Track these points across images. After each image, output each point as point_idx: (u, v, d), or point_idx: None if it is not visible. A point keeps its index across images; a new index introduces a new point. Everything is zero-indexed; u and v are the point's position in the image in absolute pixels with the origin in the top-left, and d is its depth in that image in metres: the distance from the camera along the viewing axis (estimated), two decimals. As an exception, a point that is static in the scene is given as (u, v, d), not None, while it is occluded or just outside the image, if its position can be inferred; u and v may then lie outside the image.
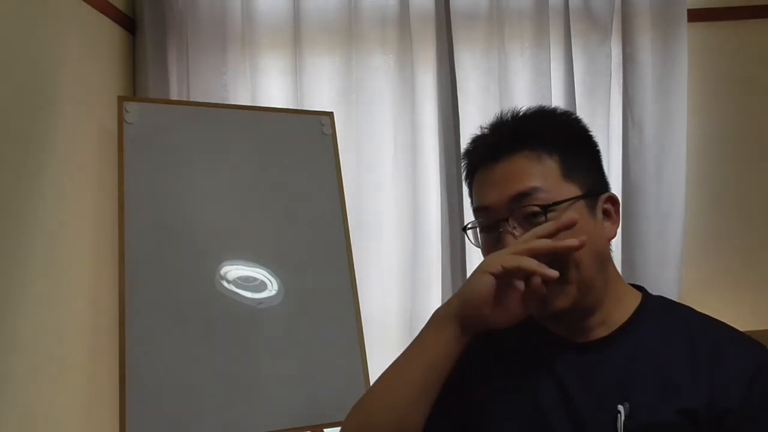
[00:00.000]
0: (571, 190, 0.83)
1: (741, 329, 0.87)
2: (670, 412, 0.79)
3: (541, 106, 0.90)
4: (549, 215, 0.81)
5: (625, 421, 0.79)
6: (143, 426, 1.26)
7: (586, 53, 1.91)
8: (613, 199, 0.88)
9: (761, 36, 1.97)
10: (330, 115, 1.65)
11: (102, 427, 1.59)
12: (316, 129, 1.63)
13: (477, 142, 0.91)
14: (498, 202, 0.83)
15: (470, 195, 0.92)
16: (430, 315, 0.86)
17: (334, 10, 1.89)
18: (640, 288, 0.93)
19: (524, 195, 0.82)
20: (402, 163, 1.89)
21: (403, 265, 1.88)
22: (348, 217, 1.58)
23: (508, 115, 0.88)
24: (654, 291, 0.94)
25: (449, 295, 1.83)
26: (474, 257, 1.88)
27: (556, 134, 0.86)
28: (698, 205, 1.96)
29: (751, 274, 1.96)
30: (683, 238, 1.86)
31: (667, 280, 1.84)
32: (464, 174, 0.94)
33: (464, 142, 2.03)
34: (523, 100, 1.89)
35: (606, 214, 0.86)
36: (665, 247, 1.84)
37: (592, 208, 0.84)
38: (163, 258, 1.38)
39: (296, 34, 1.88)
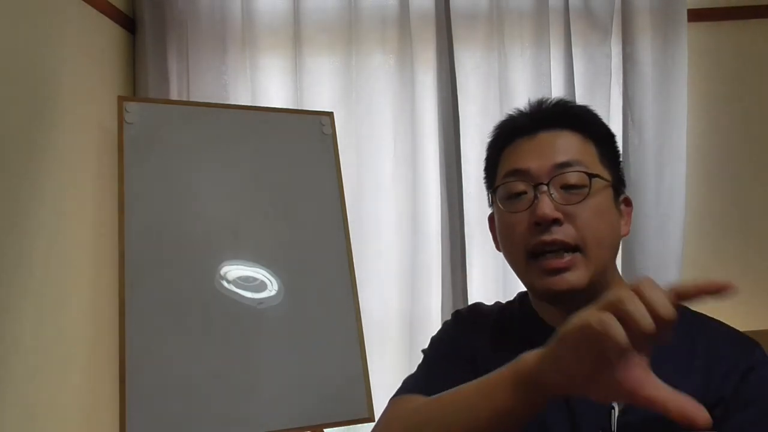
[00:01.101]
0: (605, 174, 0.88)
1: (740, 329, 0.87)
2: None
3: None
4: (593, 183, 0.84)
5: (619, 416, 0.80)
6: (143, 426, 1.26)
7: (586, 53, 1.91)
8: (628, 201, 0.93)
9: (761, 36, 1.97)
10: (330, 115, 1.65)
11: (102, 427, 1.58)
12: (316, 129, 1.62)
13: (516, 115, 0.94)
14: (539, 168, 0.86)
15: (493, 164, 0.94)
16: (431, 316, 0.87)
17: (334, 10, 1.89)
18: None
19: (568, 164, 0.85)
20: (402, 163, 1.89)
21: (403, 265, 1.88)
22: (348, 217, 1.58)
23: (551, 98, 0.93)
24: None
25: (449, 296, 1.85)
26: (474, 257, 1.89)
27: (595, 124, 0.91)
28: (698, 205, 1.95)
29: (750, 274, 1.96)
30: (683, 238, 1.86)
31: (667, 280, 1.84)
32: (492, 143, 0.96)
33: (464, 142, 2.04)
34: (523, 100, 1.89)
35: (620, 212, 0.90)
36: (665, 247, 1.84)
37: (616, 199, 0.89)
38: (163, 258, 1.38)
39: (296, 34, 1.88)
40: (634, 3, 1.89)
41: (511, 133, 0.92)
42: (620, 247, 0.92)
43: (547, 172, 0.85)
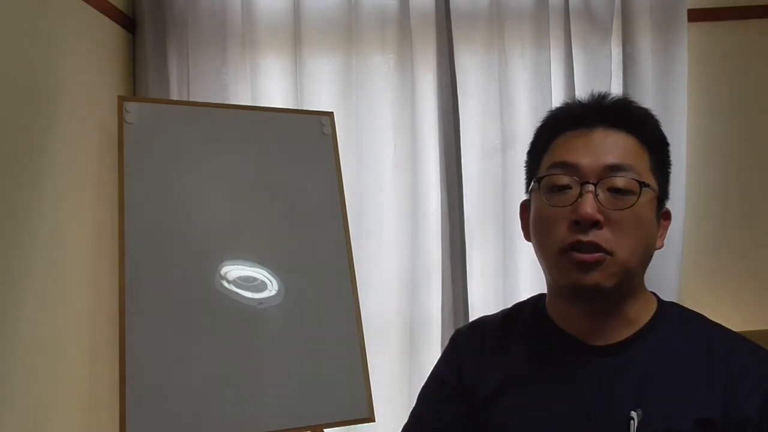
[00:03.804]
0: (654, 184, 0.85)
1: (741, 329, 0.87)
2: (686, 420, 0.79)
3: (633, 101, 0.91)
4: (642, 192, 0.82)
5: (638, 427, 0.79)
6: (143, 426, 1.26)
7: (586, 53, 1.91)
8: (668, 214, 0.91)
9: (761, 36, 1.97)
10: (330, 115, 1.65)
11: (102, 427, 1.59)
12: (316, 129, 1.62)
13: (573, 105, 0.90)
14: (589, 165, 0.83)
15: (539, 151, 0.91)
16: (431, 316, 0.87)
17: (334, 10, 1.89)
18: (653, 294, 0.93)
19: (620, 168, 0.83)
20: (402, 163, 1.89)
21: (403, 265, 1.88)
22: (348, 217, 1.58)
23: (612, 94, 0.90)
24: (654, 291, 0.95)
25: (449, 296, 1.85)
26: (474, 257, 1.89)
27: (653, 130, 0.89)
28: (698, 205, 1.95)
29: (751, 274, 1.96)
30: (683, 238, 1.86)
31: (667, 280, 1.84)
32: (541, 129, 0.92)
33: (464, 142, 2.04)
34: (523, 100, 1.90)
35: (658, 225, 0.88)
36: (665, 246, 1.83)
37: (658, 210, 0.87)
38: (164, 258, 1.38)
39: (296, 35, 1.88)
40: (634, 3, 1.89)
41: (564, 123, 0.88)
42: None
43: (596, 171, 0.82)
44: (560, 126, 0.89)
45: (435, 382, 1.01)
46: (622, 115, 0.87)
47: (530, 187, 0.91)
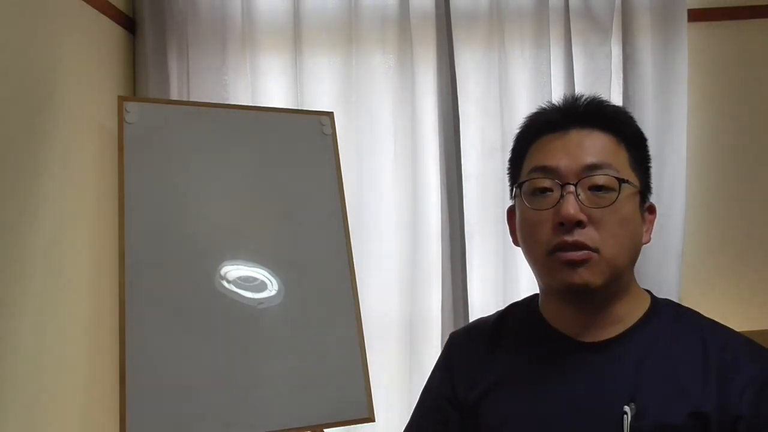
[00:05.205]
0: (634, 180, 0.86)
1: (741, 329, 0.88)
2: (680, 414, 0.79)
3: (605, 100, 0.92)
4: (622, 188, 0.83)
5: (632, 422, 0.79)
6: (143, 426, 1.26)
7: (586, 53, 1.91)
8: (652, 208, 0.90)
9: (761, 36, 1.97)
10: (330, 115, 1.65)
11: (102, 427, 1.59)
12: (316, 129, 1.62)
13: (548, 109, 0.92)
14: (568, 167, 0.84)
15: (519, 157, 0.92)
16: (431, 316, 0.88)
17: (334, 10, 1.89)
18: (647, 291, 0.94)
19: (598, 166, 0.84)
20: (402, 163, 1.89)
21: (403, 265, 1.88)
22: (348, 217, 1.58)
23: (586, 95, 0.90)
24: (654, 291, 0.95)
25: (449, 296, 1.85)
26: (474, 257, 1.89)
27: (629, 127, 0.89)
28: (698, 205, 1.95)
29: (751, 274, 1.96)
30: (683, 238, 1.86)
31: (667, 280, 1.84)
32: (520, 135, 0.93)
33: (464, 142, 2.04)
34: (523, 100, 1.90)
35: (643, 219, 0.88)
36: (665, 247, 1.84)
37: (641, 205, 0.87)
38: (164, 258, 1.38)
39: (296, 34, 1.88)
40: (634, 3, 1.89)
41: (541, 128, 0.90)
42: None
43: (575, 172, 0.83)
44: (537, 131, 0.90)
45: (430, 390, 1.04)
46: (596, 114, 0.88)
47: (513, 193, 0.92)
